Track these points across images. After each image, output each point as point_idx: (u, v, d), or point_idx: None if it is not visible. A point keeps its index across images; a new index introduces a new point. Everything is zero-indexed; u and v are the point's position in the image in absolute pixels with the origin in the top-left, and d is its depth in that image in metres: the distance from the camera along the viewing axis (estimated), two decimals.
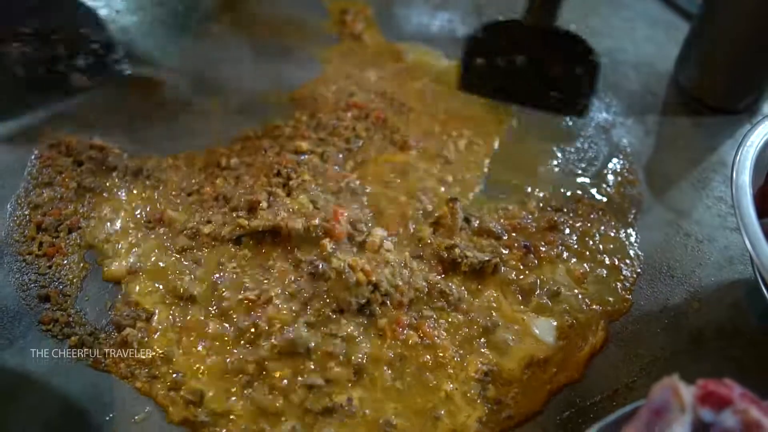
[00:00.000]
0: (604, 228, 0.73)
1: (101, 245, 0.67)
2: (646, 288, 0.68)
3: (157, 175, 0.75)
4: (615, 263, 0.70)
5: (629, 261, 0.70)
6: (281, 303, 0.61)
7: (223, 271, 0.65)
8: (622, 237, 0.73)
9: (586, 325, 0.64)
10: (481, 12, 1.07)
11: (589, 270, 0.69)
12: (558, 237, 0.71)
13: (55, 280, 0.64)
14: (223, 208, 0.71)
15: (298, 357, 0.58)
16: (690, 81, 0.92)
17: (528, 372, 0.60)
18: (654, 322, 0.65)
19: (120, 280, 0.64)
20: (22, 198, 0.71)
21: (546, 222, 0.73)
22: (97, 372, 0.58)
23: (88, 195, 0.72)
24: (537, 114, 0.86)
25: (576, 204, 0.76)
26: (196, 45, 0.95)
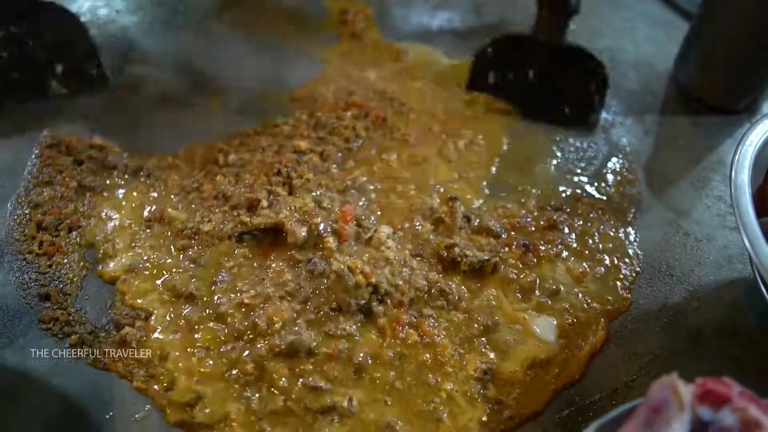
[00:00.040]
0: (603, 227, 0.73)
1: (101, 244, 0.67)
2: (645, 287, 0.68)
3: (157, 174, 0.75)
4: (614, 262, 0.70)
5: (628, 260, 0.70)
6: (281, 302, 0.61)
7: (223, 270, 0.65)
8: (621, 236, 0.73)
9: (586, 324, 0.64)
10: (481, 11, 1.07)
11: (589, 269, 0.69)
12: (557, 236, 0.71)
13: (56, 278, 0.64)
14: (223, 206, 0.71)
15: (297, 357, 0.58)
16: (689, 81, 0.92)
17: (531, 373, 0.60)
18: (653, 320, 0.65)
19: (113, 281, 0.64)
20: (22, 197, 0.71)
21: (545, 221, 0.73)
22: (97, 370, 0.58)
23: (88, 194, 0.72)
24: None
25: (575, 203, 0.76)
26: (196, 44, 0.95)
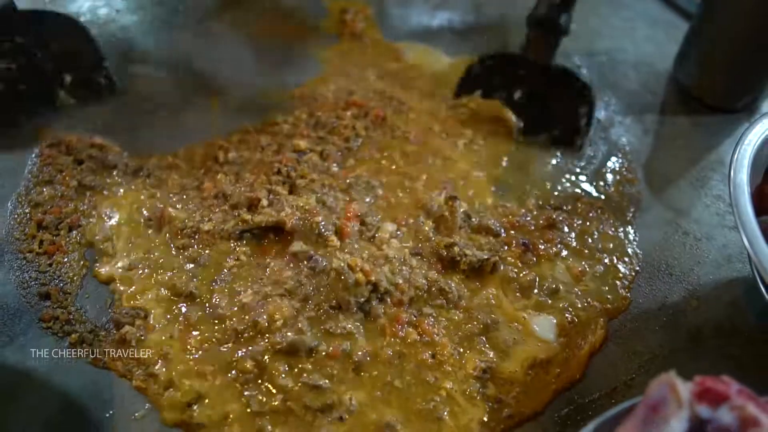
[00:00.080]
0: (602, 226, 0.73)
1: (101, 243, 0.67)
2: (644, 286, 0.69)
3: (157, 174, 0.75)
4: (614, 261, 0.70)
5: (628, 259, 0.71)
6: (281, 300, 0.61)
7: (223, 269, 0.65)
8: (620, 235, 0.73)
9: (585, 323, 0.64)
10: (481, 11, 1.07)
11: (588, 268, 0.69)
12: (557, 235, 0.71)
13: (56, 277, 0.64)
14: (223, 206, 0.71)
15: (297, 355, 0.58)
16: (689, 80, 0.92)
17: (531, 372, 0.60)
18: (652, 320, 0.65)
19: (110, 280, 0.64)
20: (22, 196, 0.71)
21: (545, 220, 0.73)
22: (97, 369, 0.58)
23: (88, 193, 0.72)
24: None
25: (575, 202, 0.76)
26: (196, 44, 0.95)
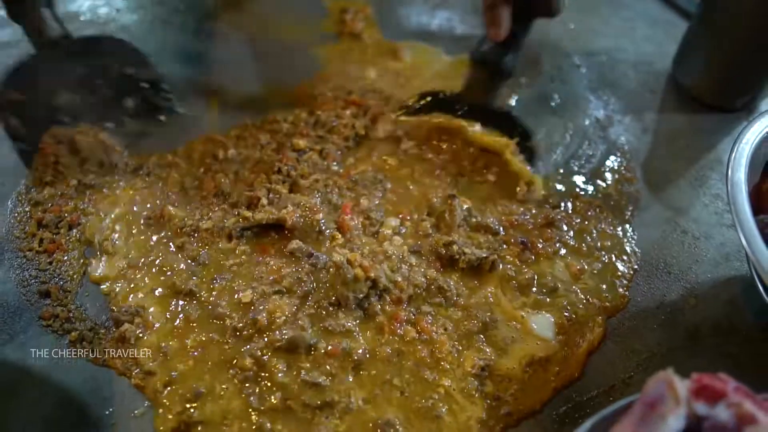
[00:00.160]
0: (601, 225, 0.74)
1: (100, 242, 0.67)
2: (642, 284, 0.69)
3: (157, 172, 0.75)
4: (612, 260, 0.70)
5: (626, 257, 0.71)
6: (280, 297, 0.61)
7: (223, 267, 0.65)
8: (619, 234, 0.73)
9: (584, 321, 0.64)
10: (480, 11, 1.06)
11: (587, 266, 0.69)
12: (555, 233, 0.71)
13: (56, 276, 0.65)
14: (223, 204, 0.71)
15: (297, 353, 0.58)
16: (688, 80, 0.92)
17: (529, 371, 0.60)
18: (650, 318, 0.66)
19: (106, 280, 0.64)
20: (22, 195, 0.71)
21: (543, 218, 0.73)
22: (97, 366, 0.58)
23: (88, 192, 0.72)
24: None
25: (573, 201, 0.76)
26: (196, 43, 0.95)
